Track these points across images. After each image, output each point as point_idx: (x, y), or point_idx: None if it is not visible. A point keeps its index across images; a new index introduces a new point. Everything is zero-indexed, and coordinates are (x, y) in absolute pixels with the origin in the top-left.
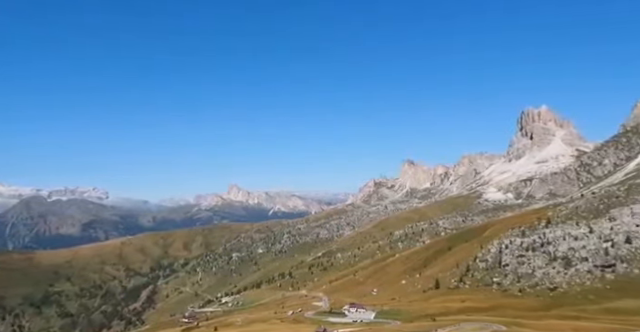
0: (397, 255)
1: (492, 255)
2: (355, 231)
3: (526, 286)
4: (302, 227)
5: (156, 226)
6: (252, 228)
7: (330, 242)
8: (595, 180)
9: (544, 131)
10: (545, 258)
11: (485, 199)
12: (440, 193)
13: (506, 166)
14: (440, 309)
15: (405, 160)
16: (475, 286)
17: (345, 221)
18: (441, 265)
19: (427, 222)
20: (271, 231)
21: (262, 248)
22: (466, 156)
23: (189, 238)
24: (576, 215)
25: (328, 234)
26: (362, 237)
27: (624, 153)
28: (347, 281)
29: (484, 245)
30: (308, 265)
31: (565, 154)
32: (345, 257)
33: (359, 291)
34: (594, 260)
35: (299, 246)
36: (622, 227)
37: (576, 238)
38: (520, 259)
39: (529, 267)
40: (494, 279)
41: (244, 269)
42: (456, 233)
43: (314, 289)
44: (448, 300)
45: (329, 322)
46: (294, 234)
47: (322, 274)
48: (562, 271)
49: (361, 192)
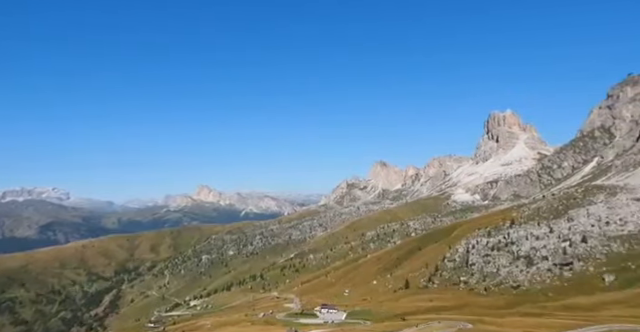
0: (369, 256)
1: (460, 255)
2: (328, 232)
3: (491, 285)
4: (274, 228)
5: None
6: (223, 229)
7: (302, 243)
8: (555, 182)
9: (509, 135)
10: (509, 257)
11: (454, 200)
12: (411, 194)
13: (474, 168)
14: (410, 308)
15: (377, 161)
16: (443, 285)
17: (318, 222)
18: (411, 265)
19: (398, 223)
20: (243, 232)
21: (233, 250)
22: (436, 158)
23: (157, 240)
24: (538, 216)
25: (301, 235)
26: (335, 238)
27: (581, 156)
28: (319, 282)
29: (452, 245)
30: (280, 267)
31: (528, 157)
32: (317, 258)
33: (331, 292)
34: (553, 259)
35: (271, 247)
36: (579, 227)
37: (537, 238)
38: (486, 258)
39: (494, 266)
40: (461, 278)
41: (214, 271)
42: (426, 234)
43: (286, 291)
44: (417, 300)
45: (300, 323)
46: (266, 235)
47: (294, 275)
48: (524, 270)
49: (334, 193)
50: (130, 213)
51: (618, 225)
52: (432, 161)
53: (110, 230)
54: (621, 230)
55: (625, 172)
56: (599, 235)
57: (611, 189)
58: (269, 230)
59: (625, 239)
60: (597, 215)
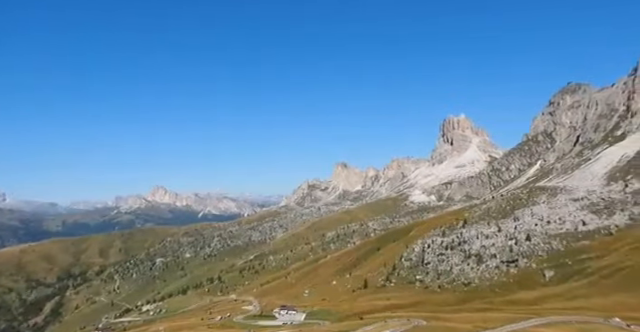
0: (329, 256)
1: (416, 254)
2: (288, 233)
3: (445, 282)
4: (234, 230)
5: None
6: (179, 231)
7: (263, 245)
8: (504, 184)
9: (462, 138)
10: (461, 256)
11: (411, 201)
12: (371, 195)
13: (430, 170)
14: (368, 308)
15: (338, 163)
16: (400, 284)
17: (278, 223)
18: (370, 265)
19: (358, 223)
20: (200, 234)
21: (190, 252)
22: (395, 160)
23: (106, 243)
24: (488, 216)
25: (261, 236)
26: (295, 239)
27: (526, 159)
28: (279, 284)
29: (409, 245)
30: (239, 269)
31: (480, 160)
32: (277, 259)
33: (291, 293)
34: (501, 256)
35: (230, 249)
36: (524, 226)
37: (487, 237)
38: (440, 257)
39: (448, 264)
40: (417, 277)
41: (169, 275)
42: (384, 234)
43: (245, 293)
44: (375, 299)
45: (259, 326)
46: (225, 237)
47: (253, 277)
48: (475, 267)
49: (295, 194)
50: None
51: (558, 224)
52: (391, 163)
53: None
54: (560, 228)
55: (564, 174)
56: (541, 233)
57: (552, 190)
58: (228, 232)
59: (563, 237)
60: (540, 215)
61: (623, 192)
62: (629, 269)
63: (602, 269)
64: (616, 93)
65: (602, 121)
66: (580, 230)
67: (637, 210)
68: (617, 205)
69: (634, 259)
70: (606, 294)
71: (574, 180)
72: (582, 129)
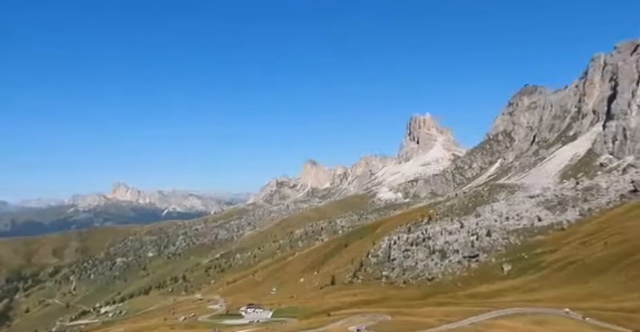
0: (297, 254)
1: (382, 250)
2: (256, 231)
3: (410, 278)
4: (200, 228)
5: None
6: (142, 230)
7: (229, 243)
8: (466, 181)
9: (428, 137)
10: (426, 251)
11: (378, 198)
12: (339, 193)
13: (397, 168)
14: (335, 304)
15: (307, 160)
16: (367, 280)
17: (246, 221)
18: (338, 262)
19: (326, 221)
20: (164, 233)
21: (153, 251)
22: (363, 157)
23: (61, 243)
24: (451, 212)
25: (227, 234)
26: (263, 237)
27: (488, 158)
28: (246, 282)
29: (376, 241)
30: (205, 267)
31: (444, 158)
32: (245, 257)
33: (258, 291)
34: (463, 252)
35: (195, 248)
36: (485, 222)
37: (450, 233)
38: (406, 253)
39: (413, 260)
40: (383, 273)
41: (130, 275)
42: (352, 231)
43: (210, 292)
44: (342, 295)
45: (224, 325)
46: (190, 235)
47: (220, 276)
48: (439, 262)
49: (263, 191)
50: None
51: (515, 220)
52: (360, 161)
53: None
54: (518, 224)
55: (522, 172)
56: (500, 229)
57: (511, 188)
58: (194, 230)
59: (520, 232)
60: (499, 211)
61: (574, 189)
62: (579, 262)
63: (555, 263)
64: (569, 95)
65: (556, 122)
66: (536, 225)
67: (587, 206)
68: (569, 202)
69: (583, 253)
70: (558, 286)
71: (531, 178)
72: (538, 129)
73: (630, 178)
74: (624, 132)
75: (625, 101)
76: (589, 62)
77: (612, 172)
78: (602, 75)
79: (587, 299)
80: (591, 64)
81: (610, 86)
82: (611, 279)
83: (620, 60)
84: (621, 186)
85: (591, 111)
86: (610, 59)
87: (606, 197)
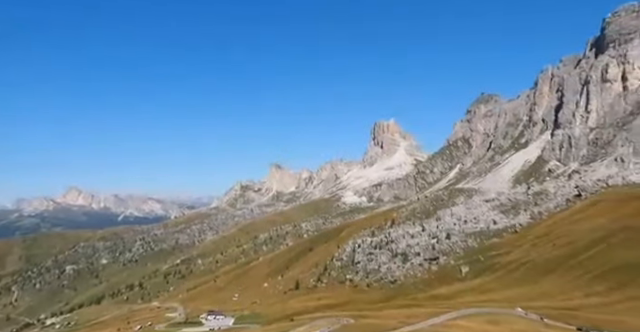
0: (261, 258)
1: (347, 254)
2: (219, 235)
3: (373, 281)
4: (159, 233)
5: None
6: (95, 236)
7: (191, 248)
8: (428, 186)
9: (392, 142)
10: (389, 255)
11: (343, 202)
12: (304, 196)
13: (362, 172)
14: (299, 309)
15: (272, 164)
16: (331, 284)
17: (208, 225)
18: (302, 266)
19: (291, 225)
20: (120, 238)
21: (107, 258)
22: (329, 162)
23: (2, 250)
24: (413, 216)
25: (189, 239)
26: (226, 241)
27: (448, 163)
28: (207, 288)
29: (340, 245)
30: (163, 274)
31: (407, 163)
32: (206, 263)
33: (220, 297)
34: (424, 254)
35: (154, 254)
36: (445, 225)
37: (412, 236)
38: (369, 256)
39: (376, 263)
40: (347, 276)
41: (81, 283)
42: (317, 235)
43: (169, 299)
44: (307, 299)
45: None
46: (149, 241)
47: (179, 282)
48: (401, 265)
49: (227, 195)
50: None
51: (473, 223)
52: (325, 164)
53: None
54: (475, 227)
55: (479, 177)
56: (459, 232)
57: (469, 192)
58: (152, 235)
59: (477, 235)
60: (458, 215)
61: (526, 194)
62: (530, 263)
63: (508, 264)
64: (521, 104)
65: (510, 129)
66: (491, 228)
67: (537, 210)
68: (521, 205)
69: (534, 254)
70: (511, 286)
71: (487, 182)
72: (494, 136)
73: (575, 183)
74: (569, 140)
75: (570, 111)
76: (539, 74)
77: (559, 177)
78: (550, 86)
79: (537, 298)
80: (540, 75)
81: (557, 97)
82: (558, 279)
83: (565, 73)
84: (567, 191)
85: (541, 120)
86: (557, 71)
87: (554, 201)
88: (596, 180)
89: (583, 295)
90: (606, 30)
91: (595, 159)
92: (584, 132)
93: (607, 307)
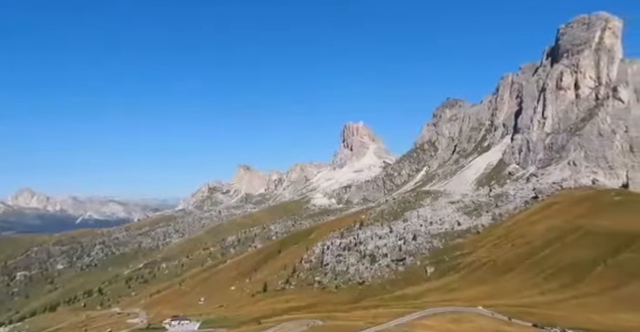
0: (228, 261)
1: (316, 256)
2: (185, 238)
3: (341, 282)
4: (121, 236)
5: None
6: (50, 239)
7: (155, 251)
8: (396, 188)
9: (361, 144)
10: (357, 256)
11: (313, 204)
12: (274, 198)
13: (331, 174)
14: (266, 311)
15: (241, 165)
16: (300, 286)
17: (174, 228)
18: (271, 268)
19: (260, 227)
20: (78, 242)
21: (63, 263)
22: (298, 163)
23: None
24: (381, 217)
25: (153, 243)
26: (192, 244)
27: (415, 166)
28: (171, 292)
29: (309, 247)
30: (125, 278)
31: (376, 165)
32: (171, 267)
33: (185, 302)
34: (391, 255)
35: (115, 258)
36: (411, 227)
37: (380, 237)
38: (338, 258)
39: (345, 265)
40: (316, 278)
41: (34, 290)
42: (286, 237)
43: (131, 305)
44: (275, 302)
45: None
46: (109, 244)
47: (142, 287)
48: (369, 267)
49: (194, 197)
50: None
51: (438, 224)
52: (295, 166)
53: None
54: (440, 228)
55: (444, 180)
56: (425, 233)
57: (435, 194)
58: (113, 238)
59: (442, 236)
60: (424, 216)
61: (488, 196)
62: (490, 263)
63: (471, 264)
64: (483, 109)
65: (473, 133)
66: (456, 229)
67: (498, 211)
68: (483, 207)
69: (494, 254)
70: (473, 286)
71: (452, 185)
72: (458, 140)
73: (532, 186)
74: (527, 144)
75: (528, 117)
76: (499, 80)
77: (518, 180)
78: (510, 92)
79: (497, 297)
80: (501, 82)
81: (517, 103)
82: (517, 277)
83: (524, 80)
84: (525, 193)
85: (501, 125)
86: (516, 78)
87: (513, 203)
88: (551, 183)
89: (539, 293)
90: (560, 40)
91: (550, 163)
92: (541, 137)
93: (560, 303)
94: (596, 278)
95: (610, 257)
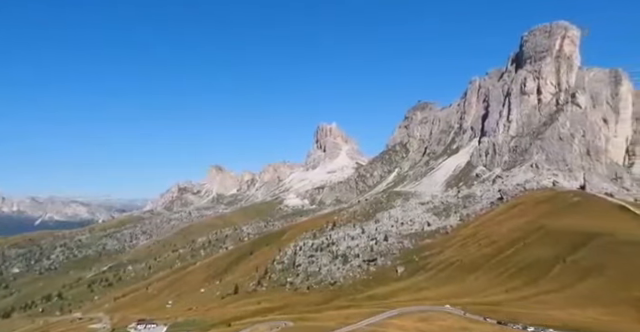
0: (198, 263)
1: (288, 257)
2: (152, 240)
3: (313, 283)
4: (83, 238)
5: None
6: (5, 242)
7: (120, 254)
8: (368, 189)
9: (334, 145)
10: (329, 256)
11: (286, 205)
12: (246, 199)
13: (304, 175)
14: (237, 314)
15: (213, 166)
16: (271, 287)
17: (141, 230)
18: (242, 270)
19: (232, 228)
20: (36, 245)
21: (20, 266)
22: (271, 164)
23: None
24: (354, 218)
25: (118, 245)
26: (160, 246)
27: (387, 167)
28: (138, 295)
29: (282, 248)
30: (88, 282)
31: (349, 166)
32: (138, 269)
33: (152, 305)
34: (363, 256)
35: (77, 261)
36: (383, 227)
37: (353, 238)
38: (310, 259)
39: (317, 265)
40: (288, 279)
41: None
42: (258, 238)
43: (93, 309)
44: (246, 304)
45: None
46: (71, 247)
47: (106, 291)
48: (341, 267)
49: (163, 198)
50: None
51: (409, 225)
52: (268, 167)
53: None
54: (410, 229)
55: (415, 181)
56: (396, 234)
57: (406, 195)
58: (75, 241)
59: (413, 236)
60: (395, 217)
61: (456, 197)
62: (458, 263)
63: (439, 264)
64: (452, 112)
65: (443, 136)
66: (425, 230)
67: (465, 212)
68: (452, 208)
69: (462, 254)
70: (442, 285)
71: (422, 186)
72: (429, 142)
73: (498, 187)
74: (494, 147)
75: (494, 120)
76: (468, 84)
77: (485, 182)
78: (477, 96)
79: (464, 295)
80: (469, 86)
81: (484, 106)
82: (483, 276)
83: (491, 84)
84: (491, 194)
85: (469, 128)
86: (483, 83)
87: (480, 204)
88: (516, 184)
89: (503, 291)
90: (524, 47)
91: (515, 165)
92: (506, 140)
93: (523, 301)
94: (556, 276)
95: (568, 255)
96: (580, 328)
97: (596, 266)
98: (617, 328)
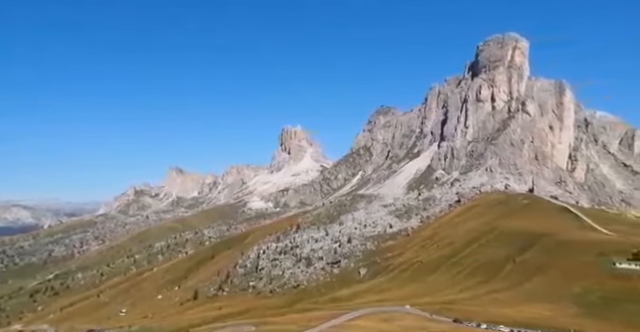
0: (155, 269)
1: (251, 260)
2: (105, 245)
3: (276, 286)
4: (26, 244)
5: None
6: None
7: (69, 261)
8: (332, 191)
9: (299, 148)
10: (293, 260)
11: (249, 208)
12: (208, 202)
13: (269, 177)
14: (196, 320)
15: (172, 168)
16: (233, 292)
17: (92, 234)
18: (203, 275)
19: (192, 232)
20: None
21: None
22: (235, 166)
23: None
24: (318, 221)
25: (66, 251)
26: (114, 252)
27: (351, 170)
28: (88, 304)
29: (245, 252)
30: (30, 292)
31: (313, 169)
32: (88, 277)
33: (103, 314)
34: (327, 258)
35: (18, 269)
36: (346, 230)
37: (317, 240)
38: (274, 262)
39: (280, 269)
40: (250, 283)
41: None
42: (220, 241)
43: (37, 320)
44: (205, 309)
45: None
46: (12, 254)
47: (51, 301)
48: (305, 270)
49: (117, 201)
50: None
51: (372, 227)
52: (231, 169)
53: None
54: (373, 231)
55: (378, 184)
56: (359, 236)
57: (369, 198)
58: (17, 247)
59: (375, 238)
60: (359, 219)
61: (417, 199)
62: (418, 263)
63: (400, 265)
64: (414, 117)
65: (405, 140)
66: (387, 232)
67: (425, 214)
68: (413, 210)
69: (422, 255)
70: (403, 286)
71: (385, 189)
72: (391, 146)
73: (456, 190)
74: (452, 151)
75: (453, 126)
76: (428, 90)
77: (444, 185)
78: (437, 102)
79: (423, 295)
80: (429, 92)
81: (443, 112)
82: (440, 276)
83: (449, 91)
84: (450, 197)
85: (430, 132)
86: (443, 89)
87: (439, 206)
88: (472, 187)
89: (459, 290)
90: (479, 56)
91: (471, 169)
92: (463, 145)
93: (477, 299)
94: (507, 275)
95: (518, 255)
96: (528, 324)
97: (541, 265)
98: (560, 322)
